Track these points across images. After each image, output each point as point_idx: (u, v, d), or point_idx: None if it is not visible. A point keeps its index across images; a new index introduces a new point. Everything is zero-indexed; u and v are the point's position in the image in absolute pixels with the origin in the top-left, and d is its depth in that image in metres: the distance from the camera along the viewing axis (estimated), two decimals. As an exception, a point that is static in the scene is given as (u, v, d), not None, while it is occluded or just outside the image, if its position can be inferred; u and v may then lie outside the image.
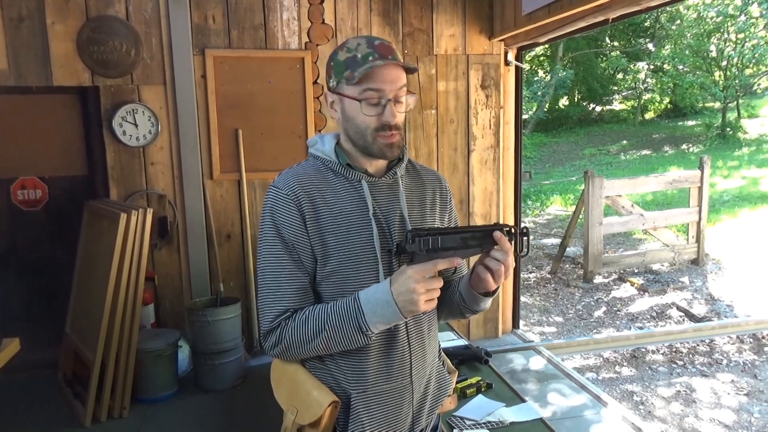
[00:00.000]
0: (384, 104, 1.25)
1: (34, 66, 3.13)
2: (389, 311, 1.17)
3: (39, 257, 3.52)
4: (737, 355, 4.72)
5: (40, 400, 3.07)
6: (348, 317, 1.21)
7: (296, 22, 3.50)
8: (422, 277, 1.14)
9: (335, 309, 1.23)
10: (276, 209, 1.28)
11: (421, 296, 1.14)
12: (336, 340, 1.22)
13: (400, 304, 1.16)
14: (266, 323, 1.27)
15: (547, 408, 3.20)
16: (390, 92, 1.25)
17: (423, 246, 1.18)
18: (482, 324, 4.14)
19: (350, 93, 1.26)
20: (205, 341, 3.10)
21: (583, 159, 15.56)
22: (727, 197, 10.15)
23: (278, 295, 1.26)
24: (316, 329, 1.22)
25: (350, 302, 1.22)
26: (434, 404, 1.42)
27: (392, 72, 1.25)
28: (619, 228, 7.03)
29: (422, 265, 1.16)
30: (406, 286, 1.15)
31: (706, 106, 18.65)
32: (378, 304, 1.18)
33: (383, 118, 1.25)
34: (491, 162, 3.96)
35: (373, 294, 1.20)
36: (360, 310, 1.20)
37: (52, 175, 3.46)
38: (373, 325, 1.20)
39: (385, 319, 1.19)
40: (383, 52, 1.25)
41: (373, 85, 1.23)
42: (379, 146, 1.27)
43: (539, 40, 3.72)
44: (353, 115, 1.27)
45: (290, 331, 1.25)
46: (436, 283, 1.16)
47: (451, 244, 1.19)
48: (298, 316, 1.25)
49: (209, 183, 3.47)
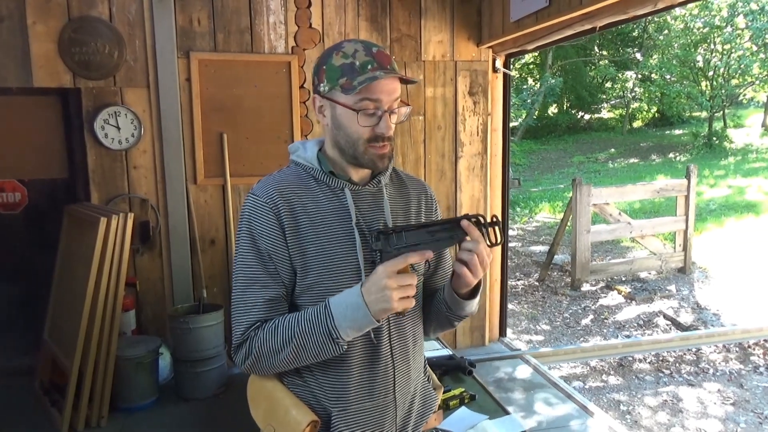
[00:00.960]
0: (380, 115, 1.21)
1: (14, 67, 3.07)
2: (359, 314, 1.12)
3: (17, 262, 3.44)
4: (724, 364, 4.73)
5: (17, 408, 3.00)
6: (317, 323, 1.15)
7: (283, 26, 3.47)
8: (392, 272, 1.10)
9: (305, 316, 1.18)
10: (253, 218, 1.23)
11: (393, 292, 1.09)
12: (306, 349, 1.17)
13: (370, 304, 1.10)
14: (237, 336, 1.22)
15: (533, 418, 3.17)
16: (386, 104, 1.21)
17: (390, 244, 1.14)
18: (469, 332, 4.10)
19: (344, 101, 1.21)
20: (186, 348, 3.04)
21: (571, 166, 15.65)
22: (713, 206, 10.22)
23: (249, 307, 1.21)
24: (286, 338, 1.17)
25: (320, 308, 1.17)
26: (419, 422, 1.37)
27: (390, 83, 1.21)
28: (606, 236, 7.05)
29: (392, 261, 1.11)
30: (377, 283, 1.10)
31: (692, 115, 18.88)
32: (348, 306, 1.13)
33: (378, 129, 1.21)
34: (479, 169, 3.95)
35: (343, 297, 1.15)
36: (330, 315, 1.14)
37: (32, 178, 3.40)
38: (343, 331, 1.14)
39: (355, 323, 1.13)
40: (382, 62, 1.20)
41: (371, 95, 1.19)
42: (371, 157, 1.23)
43: (527, 48, 3.71)
44: (346, 124, 1.22)
45: (259, 341, 1.19)
46: (409, 279, 1.11)
47: (418, 240, 1.15)
48: (267, 326, 1.20)
49: (193, 187, 3.42)
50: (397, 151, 3.76)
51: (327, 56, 1.23)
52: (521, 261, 7.84)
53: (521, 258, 7.97)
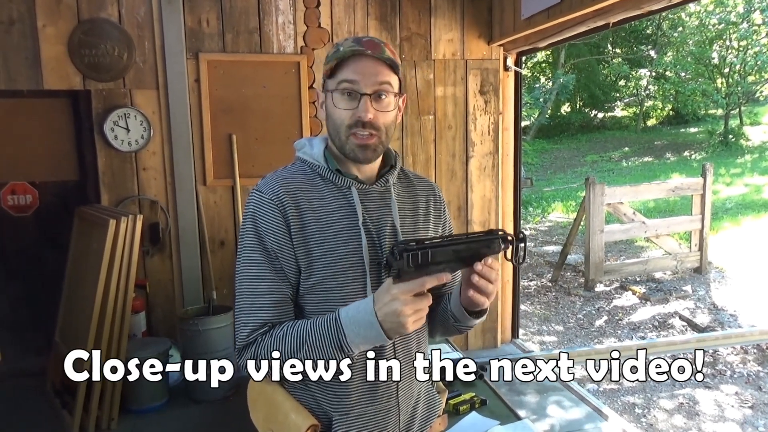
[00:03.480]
0: (359, 98, 1.18)
1: (24, 69, 3.08)
2: (373, 333, 1.08)
3: (29, 263, 3.46)
4: (741, 366, 4.64)
5: (28, 410, 3.00)
6: (329, 337, 1.12)
7: (292, 26, 3.45)
8: (410, 297, 1.04)
9: (315, 327, 1.14)
10: (258, 214, 1.21)
11: (408, 318, 1.05)
12: (314, 360, 1.14)
13: (385, 326, 1.07)
14: (242, 338, 1.19)
15: (546, 421, 3.12)
16: (366, 86, 1.17)
17: (411, 262, 1.04)
18: (480, 334, 4.06)
19: (328, 87, 1.22)
20: (196, 351, 3.02)
21: (584, 165, 15.51)
22: (729, 205, 10.07)
23: (255, 308, 1.18)
24: (295, 347, 1.14)
25: (330, 321, 1.13)
26: (423, 426, 1.35)
27: (369, 65, 1.18)
28: (620, 235, 6.96)
29: (409, 284, 1.04)
30: (393, 308, 1.05)
31: (708, 113, 18.61)
32: (361, 325, 1.09)
33: (357, 112, 1.18)
34: (490, 168, 3.90)
35: (355, 314, 1.11)
36: (341, 332, 1.11)
37: (43, 180, 3.41)
38: (356, 347, 1.11)
39: (368, 340, 1.11)
40: (366, 47, 1.18)
41: (348, 77, 1.18)
42: (352, 146, 1.20)
43: (539, 45, 3.66)
44: (330, 111, 1.22)
45: (266, 347, 1.16)
46: (425, 302, 1.06)
47: (442, 258, 1.07)
48: (276, 332, 1.17)
49: (202, 189, 3.41)
50: (408, 151, 3.73)
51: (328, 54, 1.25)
52: (534, 261, 7.77)
53: (534, 258, 7.90)
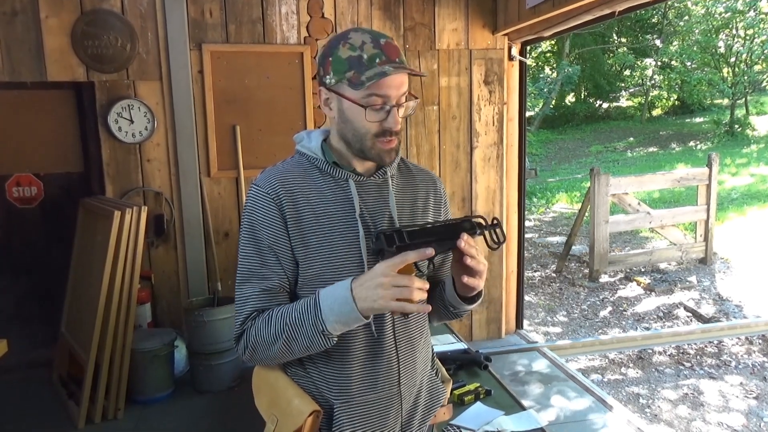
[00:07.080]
0: (388, 110, 1.18)
1: (28, 61, 3.08)
2: (346, 308, 1.08)
3: (34, 255, 3.47)
4: (746, 356, 4.63)
5: (35, 401, 3.03)
6: (306, 316, 1.12)
7: (295, 16, 3.43)
8: (389, 271, 1.06)
9: (296, 307, 1.15)
10: (254, 209, 1.22)
11: (386, 291, 1.05)
12: (297, 342, 1.14)
13: (358, 300, 1.07)
14: (236, 327, 1.22)
15: (550, 411, 3.12)
16: (395, 98, 1.17)
17: (389, 243, 1.09)
18: (485, 324, 4.06)
19: (352, 96, 1.17)
20: (201, 341, 3.04)
21: (589, 156, 15.45)
22: (735, 195, 10.02)
23: (245, 298, 1.21)
24: (278, 329, 1.15)
25: (310, 299, 1.14)
26: (426, 415, 1.35)
27: (399, 77, 1.17)
28: (625, 226, 6.93)
29: (392, 259, 1.07)
30: (371, 280, 1.06)
31: (714, 102, 18.48)
32: (336, 300, 1.10)
33: (386, 124, 1.18)
34: (494, 159, 3.89)
35: (333, 290, 1.12)
36: (318, 307, 1.11)
37: (48, 172, 3.42)
38: (330, 325, 1.11)
39: (342, 317, 1.09)
40: (390, 55, 1.16)
41: (379, 91, 1.15)
42: (378, 151, 1.20)
43: (544, 35, 3.63)
44: (353, 119, 1.19)
45: (254, 332, 1.18)
46: (407, 280, 1.06)
47: (420, 238, 1.12)
48: (262, 316, 1.18)
49: (206, 180, 3.41)
50: (411, 142, 3.72)
51: (333, 47, 1.19)
52: (538, 252, 7.76)
53: (538, 249, 7.88)
